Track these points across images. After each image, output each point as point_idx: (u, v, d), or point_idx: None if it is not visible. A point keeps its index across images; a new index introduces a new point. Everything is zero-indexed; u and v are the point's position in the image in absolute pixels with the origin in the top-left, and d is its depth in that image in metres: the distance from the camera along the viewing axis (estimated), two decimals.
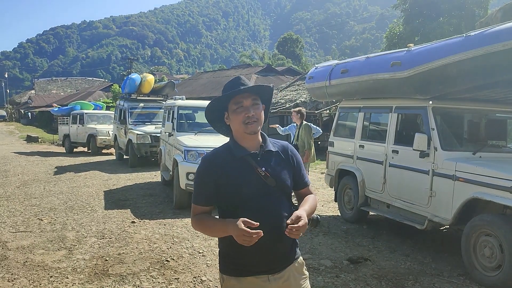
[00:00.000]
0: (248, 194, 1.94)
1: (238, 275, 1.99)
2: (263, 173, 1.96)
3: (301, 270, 2.11)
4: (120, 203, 7.91)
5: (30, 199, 8.23)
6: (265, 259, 1.96)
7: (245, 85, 1.98)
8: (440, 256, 5.16)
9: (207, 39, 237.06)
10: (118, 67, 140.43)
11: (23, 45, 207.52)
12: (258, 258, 1.95)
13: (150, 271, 4.59)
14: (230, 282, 2.01)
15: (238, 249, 1.89)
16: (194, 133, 8.20)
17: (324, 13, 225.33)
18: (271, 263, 1.98)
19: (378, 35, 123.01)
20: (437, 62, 4.61)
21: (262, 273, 1.98)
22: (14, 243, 5.54)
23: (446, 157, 4.84)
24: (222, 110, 2.04)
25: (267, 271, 1.98)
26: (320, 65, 7.42)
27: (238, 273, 1.99)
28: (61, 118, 20.45)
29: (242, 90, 1.96)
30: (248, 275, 1.98)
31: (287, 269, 2.03)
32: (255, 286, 1.98)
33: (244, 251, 1.89)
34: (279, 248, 1.97)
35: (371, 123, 6.44)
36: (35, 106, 46.56)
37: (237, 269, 1.99)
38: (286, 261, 2.03)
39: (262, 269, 1.98)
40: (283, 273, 2.01)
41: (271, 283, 1.99)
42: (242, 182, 1.95)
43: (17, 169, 12.53)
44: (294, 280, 2.05)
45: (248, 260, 1.96)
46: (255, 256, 1.93)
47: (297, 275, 2.07)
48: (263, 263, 1.97)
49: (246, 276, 1.98)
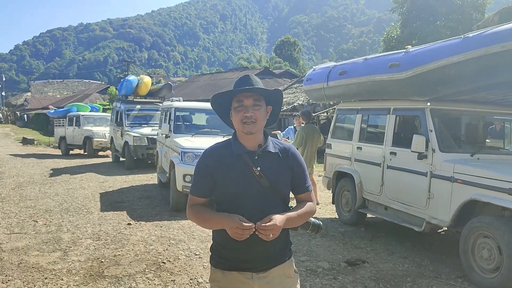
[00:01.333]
0: (241, 192, 1.97)
1: (224, 268, 2.04)
2: (257, 173, 1.97)
3: (289, 272, 2.09)
4: (116, 205, 7.86)
5: (25, 201, 8.16)
6: (250, 256, 1.99)
7: (252, 85, 1.98)
8: (438, 258, 5.14)
9: (204, 42, 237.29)
10: (115, 69, 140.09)
11: (20, 47, 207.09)
12: (244, 255, 1.99)
13: (146, 273, 4.54)
14: (216, 274, 2.07)
15: (226, 244, 1.98)
16: (191, 134, 8.15)
17: (321, 16, 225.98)
18: (256, 261, 2.00)
19: (376, 39, 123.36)
20: (436, 64, 4.60)
21: (246, 270, 2.01)
22: (8, 244, 5.47)
23: (444, 158, 4.83)
24: (228, 105, 2.05)
25: (251, 268, 2.01)
26: (318, 67, 7.41)
27: (223, 266, 2.04)
28: (57, 120, 20.36)
29: (242, 90, 1.97)
30: (232, 269, 2.02)
31: (273, 269, 2.04)
32: (238, 282, 2.02)
33: (231, 246, 1.96)
34: (265, 248, 1.98)
35: (368, 125, 6.42)
36: (31, 108, 46.33)
37: (223, 263, 2.05)
38: (273, 262, 2.04)
39: (247, 266, 2.01)
40: (268, 273, 2.02)
41: (254, 281, 2.01)
42: (236, 179, 1.98)
43: (12, 171, 12.45)
44: (279, 282, 2.04)
45: (234, 255, 2.00)
46: (240, 253, 1.98)
47: (283, 277, 2.06)
48: (248, 260, 2.00)
49: (230, 270, 2.03)
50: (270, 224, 1.85)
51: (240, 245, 1.91)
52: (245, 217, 1.88)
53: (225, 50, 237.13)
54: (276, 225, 1.86)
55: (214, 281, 2.09)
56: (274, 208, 1.95)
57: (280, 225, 1.89)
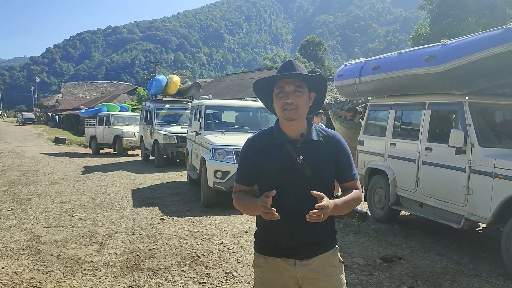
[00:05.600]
0: (283, 181, 1.93)
1: (266, 254, 2.02)
2: (300, 162, 1.93)
3: (333, 261, 2.04)
4: (148, 201, 7.97)
5: (61, 197, 8.37)
6: (293, 243, 1.95)
7: (294, 71, 1.95)
8: (478, 256, 4.99)
9: (229, 43, 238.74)
10: (141, 71, 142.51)
11: (51, 51, 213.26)
12: (287, 241, 1.95)
13: (181, 266, 4.58)
14: (259, 260, 2.06)
15: (268, 228, 1.97)
16: (221, 132, 8.19)
17: (347, 16, 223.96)
18: (300, 248, 1.96)
19: (402, 38, 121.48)
20: (475, 56, 4.48)
21: (289, 257, 1.97)
22: (47, 237, 5.62)
23: (484, 153, 4.69)
24: (270, 91, 2.03)
25: (294, 255, 1.97)
26: (350, 62, 7.33)
27: (266, 252, 2.02)
28: (88, 120, 20.81)
29: (282, 76, 1.94)
30: (275, 255, 1.99)
31: (317, 257, 1.98)
32: (281, 268, 1.99)
33: (275, 232, 1.94)
34: (309, 235, 1.94)
35: (402, 121, 6.30)
36: (62, 109, 47.57)
37: (266, 248, 2.03)
38: (317, 249, 1.99)
39: (289, 253, 1.97)
40: (312, 261, 1.98)
41: (297, 268, 1.97)
42: (278, 168, 1.95)
43: (46, 168, 12.79)
44: (323, 270, 1.99)
45: (278, 242, 1.97)
46: (284, 239, 1.95)
47: (327, 266, 2.01)
48: (291, 247, 1.96)
49: (273, 256, 2.00)
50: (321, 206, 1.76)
51: (282, 230, 1.90)
52: (288, 207, 1.86)
53: (250, 51, 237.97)
54: (326, 206, 1.78)
55: (257, 266, 2.07)
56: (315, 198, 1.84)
57: (331, 207, 1.82)
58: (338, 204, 1.91)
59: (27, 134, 33.03)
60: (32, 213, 7.00)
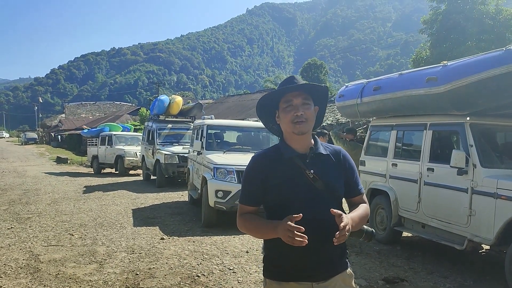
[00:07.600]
0: (295, 196, 1.86)
1: (281, 279, 1.90)
2: (311, 176, 1.88)
3: (350, 282, 1.97)
4: (149, 221, 7.92)
5: (61, 216, 8.33)
6: (309, 264, 1.85)
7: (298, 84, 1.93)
8: (481, 278, 4.92)
9: (231, 65, 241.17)
10: (144, 92, 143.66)
11: (55, 71, 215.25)
12: (302, 263, 1.85)
13: (181, 286, 4.53)
14: (272, 286, 1.93)
15: (282, 252, 1.83)
16: (223, 151, 8.20)
17: (348, 39, 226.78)
18: (316, 269, 1.87)
19: (403, 61, 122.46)
20: (476, 76, 4.51)
21: (305, 279, 1.88)
22: (46, 256, 5.58)
23: (486, 174, 4.68)
24: (273, 109, 2.00)
25: (311, 277, 1.87)
26: (351, 83, 7.38)
27: (280, 277, 1.90)
28: (90, 139, 20.89)
29: (291, 88, 1.90)
30: (290, 280, 1.88)
31: (334, 278, 1.90)
32: None
33: (288, 254, 1.82)
34: (325, 254, 1.87)
35: (404, 141, 6.30)
36: (65, 129, 47.80)
37: (280, 273, 1.91)
38: (333, 270, 1.91)
39: (306, 275, 1.87)
40: (329, 282, 1.90)
41: None
42: (289, 184, 1.88)
43: (47, 188, 12.78)
44: None
45: (292, 264, 1.86)
46: (299, 261, 1.84)
47: (344, 287, 1.94)
48: (307, 268, 1.86)
49: (288, 281, 1.89)
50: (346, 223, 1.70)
51: (297, 252, 1.76)
52: (301, 222, 1.70)
53: (252, 73, 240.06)
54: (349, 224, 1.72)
55: None
56: (329, 213, 1.77)
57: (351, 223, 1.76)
58: (355, 220, 1.87)
59: (29, 154, 33.10)
60: (32, 231, 6.96)
